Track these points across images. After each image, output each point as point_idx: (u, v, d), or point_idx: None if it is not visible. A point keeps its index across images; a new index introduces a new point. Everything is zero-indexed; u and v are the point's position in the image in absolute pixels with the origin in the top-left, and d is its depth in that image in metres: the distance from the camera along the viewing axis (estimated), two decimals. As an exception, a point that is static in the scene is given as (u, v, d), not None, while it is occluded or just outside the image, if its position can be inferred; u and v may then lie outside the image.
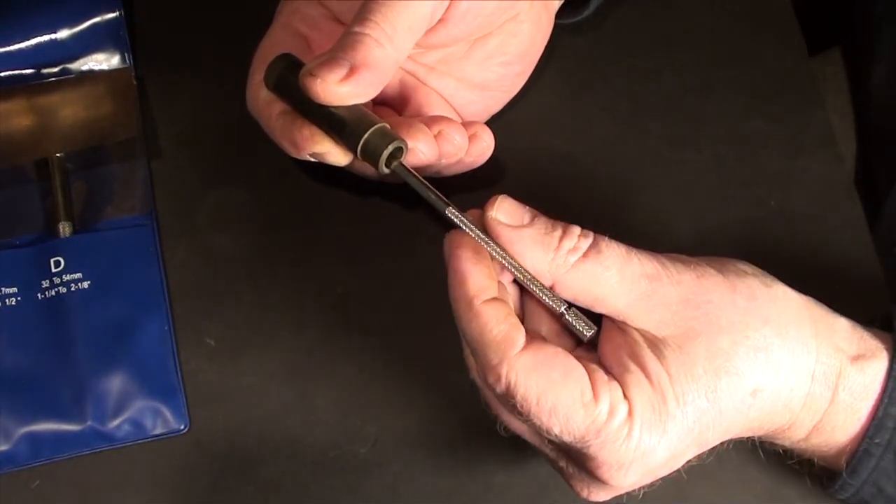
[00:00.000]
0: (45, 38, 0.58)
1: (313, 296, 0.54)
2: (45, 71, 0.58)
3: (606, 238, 0.43)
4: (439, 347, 0.53)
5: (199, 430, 0.52)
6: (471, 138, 0.50)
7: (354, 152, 0.46)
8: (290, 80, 0.47)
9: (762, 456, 0.48)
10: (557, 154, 0.56)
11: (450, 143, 0.49)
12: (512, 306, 0.43)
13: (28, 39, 0.58)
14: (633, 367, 0.41)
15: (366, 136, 0.45)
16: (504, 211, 0.43)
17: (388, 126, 0.46)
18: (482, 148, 0.51)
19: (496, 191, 0.54)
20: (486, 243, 0.43)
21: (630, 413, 0.41)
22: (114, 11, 0.59)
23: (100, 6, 0.59)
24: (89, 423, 0.51)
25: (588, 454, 0.41)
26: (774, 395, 0.42)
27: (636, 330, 0.42)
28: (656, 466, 0.42)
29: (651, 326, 0.42)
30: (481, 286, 0.42)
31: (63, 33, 0.58)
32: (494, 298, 0.42)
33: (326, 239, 0.55)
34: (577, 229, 0.43)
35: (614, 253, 0.43)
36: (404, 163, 0.46)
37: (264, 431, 0.52)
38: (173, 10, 0.61)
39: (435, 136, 0.48)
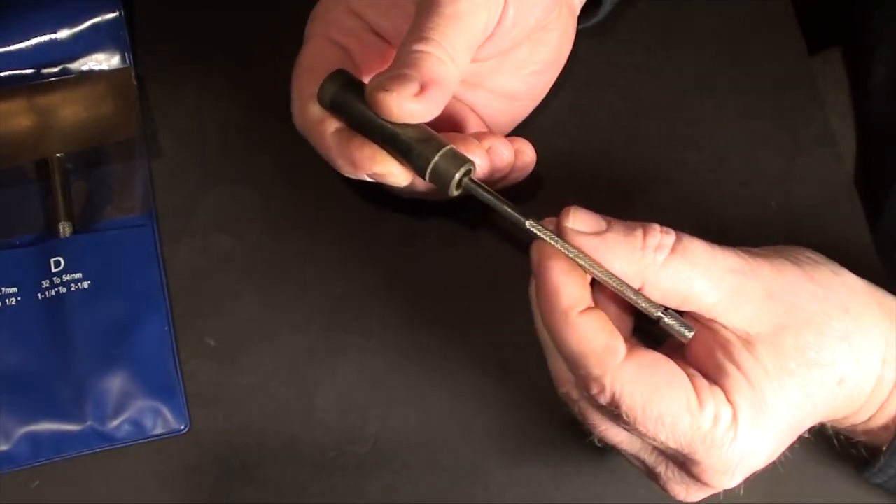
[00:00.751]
0: (45, 38, 0.58)
1: (313, 296, 0.54)
2: (45, 71, 0.58)
3: (686, 234, 0.43)
4: (440, 347, 0.53)
5: (199, 430, 0.52)
6: (515, 153, 0.50)
7: (422, 175, 0.45)
8: (348, 97, 0.45)
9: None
10: (558, 154, 0.56)
11: (499, 159, 0.49)
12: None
13: (28, 39, 0.58)
14: (730, 368, 0.41)
15: (435, 158, 0.44)
16: (579, 220, 0.43)
17: (455, 148, 0.45)
18: (526, 162, 0.50)
19: (502, 193, 0.55)
20: (573, 253, 0.42)
21: (734, 417, 0.41)
22: (114, 11, 0.59)
23: (100, 6, 0.59)
24: (89, 423, 0.51)
25: (694, 460, 0.41)
26: (855, 382, 0.43)
27: (726, 328, 0.42)
28: (758, 464, 0.42)
29: (742, 324, 0.42)
30: (577, 297, 0.42)
31: (63, 33, 0.58)
32: (590, 308, 0.42)
33: (326, 239, 0.55)
34: (656, 226, 0.43)
35: (699, 248, 0.42)
36: (474, 179, 0.45)
37: (264, 431, 0.52)
38: (173, 10, 0.61)
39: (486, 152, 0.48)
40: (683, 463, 0.42)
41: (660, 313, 0.42)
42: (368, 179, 0.47)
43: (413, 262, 0.54)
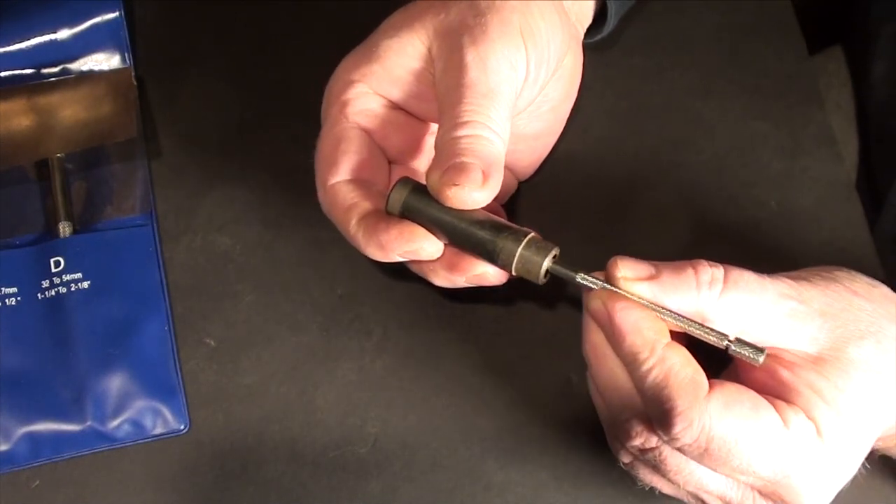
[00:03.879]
0: (45, 38, 0.58)
1: (313, 296, 0.54)
2: (45, 71, 0.58)
3: (732, 266, 0.42)
4: (439, 347, 0.53)
5: (199, 430, 0.52)
6: None
7: (508, 269, 0.44)
8: (418, 203, 0.45)
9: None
10: (558, 154, 0.56)
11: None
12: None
13: (28, 39, 0.58)
14: (802, 388, 0.41)
15: (519, 250, 0.44)
16: (628, 268, 0.42)
17: (537, 236, 0.44)
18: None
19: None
20: (632, 298, 0.42)
21: (818, 432, 0.41)
22: (114, 11, 0.59)
23: (100, 6, 0.59)
24: (89, 423, 0.51)
25: (787, 484, 0.41)
26: None
27: (788, 351, 0.42)
28: (844, 479, 0.42)
29: (804, 345, 0.42)
30: (658, 330, 0.41)
31: (63, 33, 0.58)
32: (671, 343, 0.41)
33: (326, 239, 0.55)
34: (704, 262, 0.42)
35: (749, 277, 0.42)
36: (558, 264, 0.44)
37: (264, 431, 0.52)
38: (173, 10, 0.61)
39: None
40: (774, 491, 0.42)
41: (727, 342, 0.41)
42: (400, 259, 0.46)
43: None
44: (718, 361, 0.44)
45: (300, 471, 0.51)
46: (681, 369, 0.40)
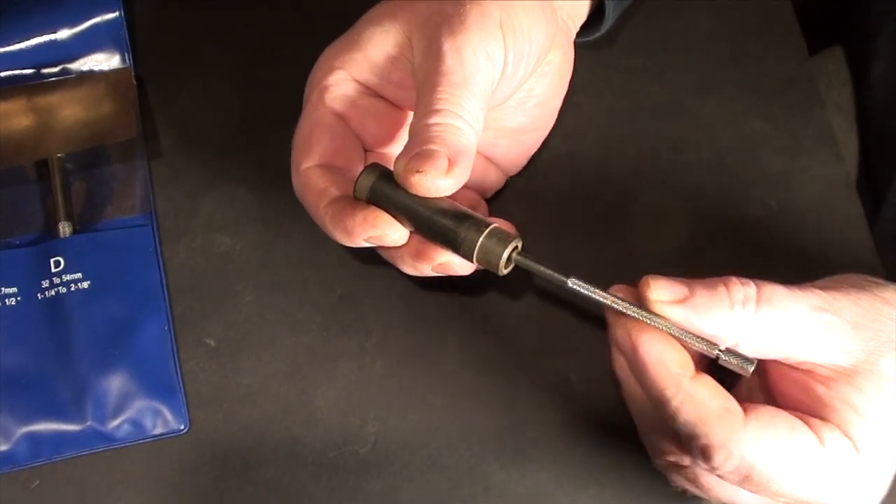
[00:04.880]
0: (45, 38, 0.58)
1: (313, 296, 0.54)
2: (45, 71, 0.58)
3: (762, 281, 0.42)
4: (440, 348, 0.53)
5: (199, 430, 0.52)
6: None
7: (469, 258, 0.44)
8: (384, 189, 0.45)
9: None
10: (558, 154, 0.56)
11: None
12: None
13: (28, 39, 0.58)
14: (837, 403, 0.41)
15: (480, 240, 0.44)
16: (661, 288, 0.42)
17: (499, 227, 0.44)
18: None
19: (499, 195, 0.55)
20: (629, 309, 0.42)
21: (856, 449, 0.40)
22: (114, 11, 0.59)
23: (100, 6, 0.59)
24: (89, 423, 0.51)
25: (827, 503, 0.41)
26: None
27: (822, 366, 0.41)
28: (883, 493, 0.42)
29: (838, 359, 0.41)
30: (684, 362, 0.41)
31: (63, 33, 0.58)
32: (698, 373, 0.41)
33: (326, 239, 0.55)
34: (735, 279, 0.42)
35: (781, 292, 0.41)
36: (522, 253, 0.44)
37: (264, 431, 0.52)
38: (173, 10, 0.61)
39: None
40: None
41: (718, 351, 0.41)
42: (365, 245, 0.46)
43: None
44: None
45: (300, 471, 0.51)
46: (710, 402, 0.40)
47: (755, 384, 0.46)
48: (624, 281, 0.45)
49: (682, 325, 0.41)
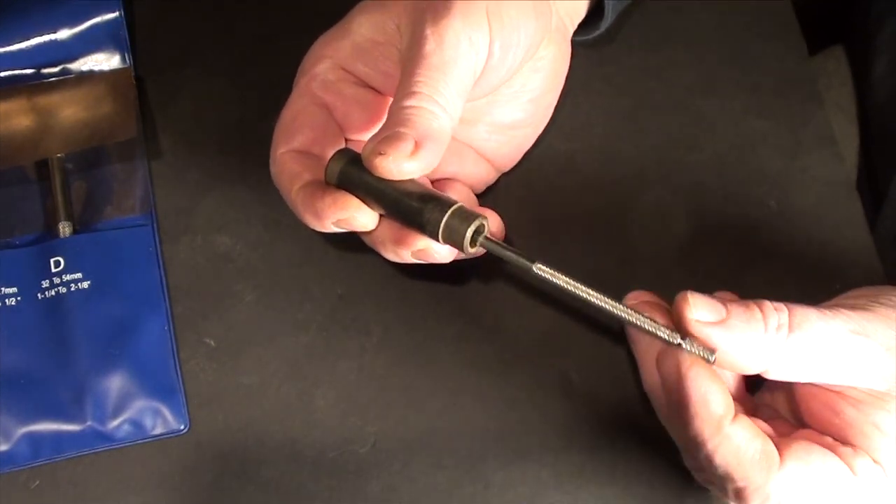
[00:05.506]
0: (45, 38, 0.58)
1: (313, 296, 0.54)
2: (45, 71, 0.58)
3: (794, 304, 0.42)
4: (439, 347, 0.53)
5: (199, 430, 0.52)
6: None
7: (435, 237, 0.45)
8: (353, 173, 0.45)
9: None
10: (557, 153, 0.56)
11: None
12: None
13: (28, 39, 0.58)
14: (868, 428, 0.41)
15: (444, 218, 0.44)
16: (700, 307, 0.41)
17: (464, 206, 0.45)
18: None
19: (499, 193, 0.55)
20: (592, 296, 0.42)
21: (886, 474, 0.40)
22: (114, 11, 0.59)
23: (100, 6, 0.59)
24: (89, 423, 0.51)
25: None
26: None
27: (856, 389, 0.41)
28: None
29: (871, 383, 0.41)
30: (727, 404, 0.40)
31: (63, 33, 0.58)
32: (738, 415, 0.41)
33: (326, 239, 0.55)
34: (768, 303, 0.41)
35: (813, 317, 0.41)
36: (488, 236, 0.45)
37: (264, 431, 0.52)
38: (173, 10, 0.61)
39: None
40: None
41: (679, 340, 0.41)
42: (335, 230, 0.46)
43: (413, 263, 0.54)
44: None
45: (300, 471, 0.51)
46: (749, 445, 0.40)
47: (781, 399, 0.46)
48: (623, 280, 0.45)
49: (650, 315, 0.41)
